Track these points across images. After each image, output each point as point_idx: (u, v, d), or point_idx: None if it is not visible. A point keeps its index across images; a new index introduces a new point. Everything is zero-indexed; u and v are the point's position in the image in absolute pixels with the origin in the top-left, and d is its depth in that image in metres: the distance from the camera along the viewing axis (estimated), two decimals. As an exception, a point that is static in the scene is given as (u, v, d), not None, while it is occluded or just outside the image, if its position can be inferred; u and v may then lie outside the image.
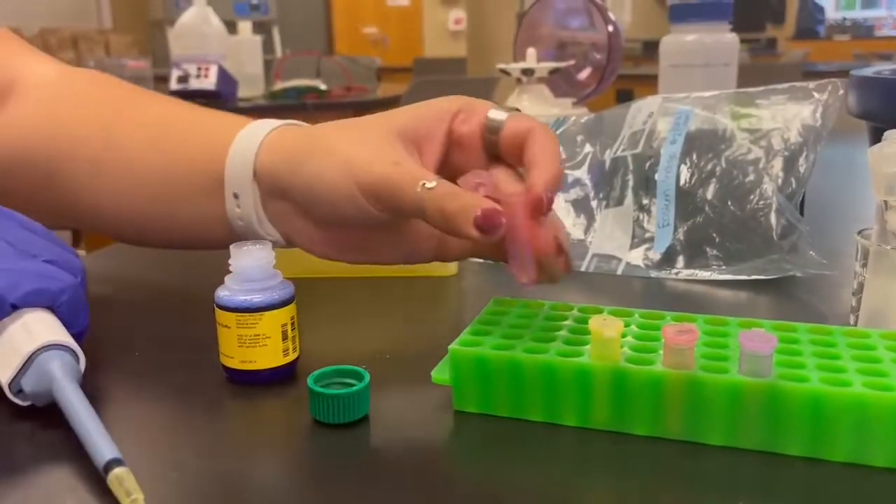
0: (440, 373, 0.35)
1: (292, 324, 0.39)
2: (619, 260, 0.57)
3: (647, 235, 0.58)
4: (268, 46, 2.84)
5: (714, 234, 0.56)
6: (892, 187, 0.35)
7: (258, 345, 0.37)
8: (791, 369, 0.31)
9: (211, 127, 0.46)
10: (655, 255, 0.56)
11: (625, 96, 2.53)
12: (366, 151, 0.38)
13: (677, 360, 0.32)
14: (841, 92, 0.58)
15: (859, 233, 0.38)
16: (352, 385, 0.35)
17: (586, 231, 0.60)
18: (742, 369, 0.31)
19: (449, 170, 0.41)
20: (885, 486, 0.29)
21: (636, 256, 0.57)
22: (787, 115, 0.60)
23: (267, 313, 0.37)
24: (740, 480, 0.30)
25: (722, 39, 0.80)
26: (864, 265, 0.38)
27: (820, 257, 0.52)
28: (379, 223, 0.40)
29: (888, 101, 0.51)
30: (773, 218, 0.55)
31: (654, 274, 0.55)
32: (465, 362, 0.34)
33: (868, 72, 0.55)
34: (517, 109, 0.41)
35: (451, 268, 0.56)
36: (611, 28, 0.98)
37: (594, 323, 0.32)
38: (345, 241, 0.42)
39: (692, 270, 0.54)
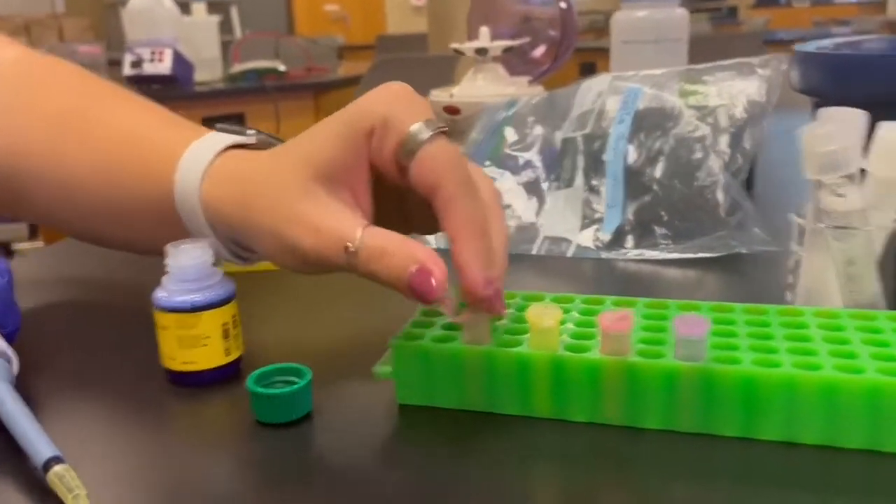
0: (382, 367, 0.35)
1: (234, 322, 0.38)
2: (570, 242, 0.57)
3: (597, 216, 0.58)
4: (226, 27, 2.78)
5: (663, 213, 0.57)
6: (824, 167, 0.36)
7: (199, 345, 0.37)
8: (725, 351, 0.32)
9: (154, 164, 0.41)
10: (605, 236, 0.56)
11: (588, 69, 2.52)
12: (289, 222, 0.35)
13: (614, 347, 0.32)
14: (784, 67, 0.59)
15: (794, 212, 0.39)
16: (294, 383, 0.35)
17: (538, 213, 0.61)
18: (677, 354, 0.31)
19: (383, 191, 0.37)
20: (815, 463, 0.30)
21: (586, 238, 0.57)
22: (733, 91, 0.60)
23: (206, 313, 0.37)
24: (677, 462, 0.30)
25: (672, 14, 0.80)
26: (801, 243, 0.39)
27: (766, 233, 0.53)
28: None
29: (829, 76, 0.51)
30: (719, 195, 0.56)
31: (604, 255, 0.55)
32: (407, 356, 0.34)
33: (810, 47, 0.55)
34: (443, 129, 0.35)
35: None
36: (563, 4, 0.98)
37: (532, 313, 0.33)
38: None
39: (641, 250, 0.55)
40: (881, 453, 0.30)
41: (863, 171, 0.37)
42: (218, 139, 0.40)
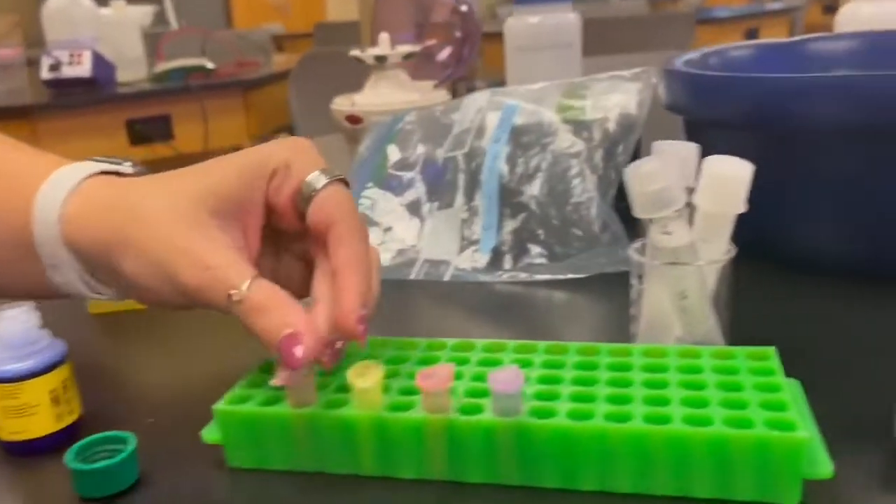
0: (211, 431, 0.34)
1: (65, 386, 0.37)
2: (448, 264, 0.57)
3: (475, 237, 0.58)
4: (161, 19, 2.71)
5: (539, 232, 0.57)
6: (649, 206, 0.36)
7: (25, 415, 0.36)
8: (545, 402, 0.32)
9: (12, 190, 0.39)
10: (482, 258, 0.56)
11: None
12: (176, 252, 0.34)
13: (433, 404, 0.32)
14: (654, 80, 0.59)
15: (633, 246, 0.39)
16: (118, 451, 0.34)
17: (419, 235, 0.60)
18: (494, 409, 0.31)
19: (274, 234, 0.38)
20: (631, 513, 0.30)
21: (464, 260, 0.57)
22: (608, 104, 0.60)
23: (29, 382, 0.35)
24: (500, 517, 0.30)
25: (564, 20, 0.80)
26: (639, 277, 0.39)
27: (634, 251, 0.53)
28: None
29: (691, 95, 0.52)
30: (593, 211, 0.56)
31: (481, 278, 0.55)
32: (233, 422, 0.34)
33: (678, 63, 0.56)
34: (341, 178, 0.37)
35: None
36: (464, 7, 0.97)
37: (352, 374, 0.32)
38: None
39: (515, 273, 0.55)
40: (694, 499, 0.30)
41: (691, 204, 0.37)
42: (86, 165, 0.39)
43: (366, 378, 0.32)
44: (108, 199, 0.37)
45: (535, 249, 0.56)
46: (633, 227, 0.59)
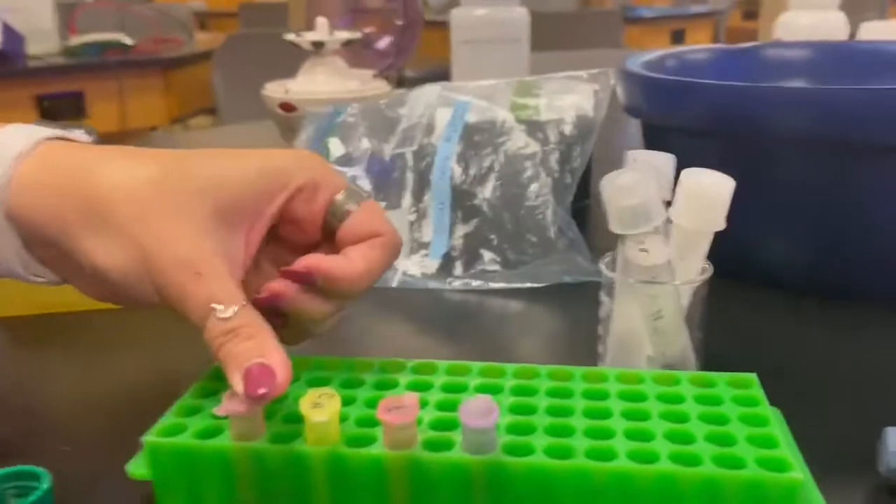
0: (139, 466, 0.30)
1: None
2: (395, 270, 0.54)
3: (425, 240, 0.55)
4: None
5: (492, 237, 0.54)
6: (626, 221, 0.33)
7: (-87, 448, 0.31)
8: (518, 436, 0.29)
9: None
10: (432, 264, 0.53)
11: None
12: (167, 243, 0.30)
13: (397, 439, 0.28)
14: (612, 82, 0.57)
15: (604, 260, 0.37)
16: (31, 489, 0.29)
17: (363, 236, 0.56)
18: (465, 445, 0.28)
19: (276, 244, 0.36)
20: (610, 558, 0.28)
21: (413, 265, 0.54)
22: (564, 104, 0.58)
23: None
24: (468, 564, 0.28)
25: (512, 14, 0.78)
26: (609, 294, 0.37)
27: (592, 262, 0.51)
28: None
29: (649, 99, 0.50)
30: (549, 216, 0.54)
31: (431, 284, 0.52)
32: (164, 455, 0.30)
33: (635, 64, 0.54)
34: (366, 193, 0.35)
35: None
36: (407, -5, 0.93)
37: (305, 405, 0.28)
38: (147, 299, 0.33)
39: (468, 280, 0.52)
40: (676, 542, 0.28)
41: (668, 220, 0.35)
42: (36, 128, 0.34)
43: (322, 410, 0.28)
44: (74, 168, 0.32)
45: (487, 255, 0.53)
46: (590, 234, 0.57)
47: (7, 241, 0.33)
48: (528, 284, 0.51)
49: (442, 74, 0.96)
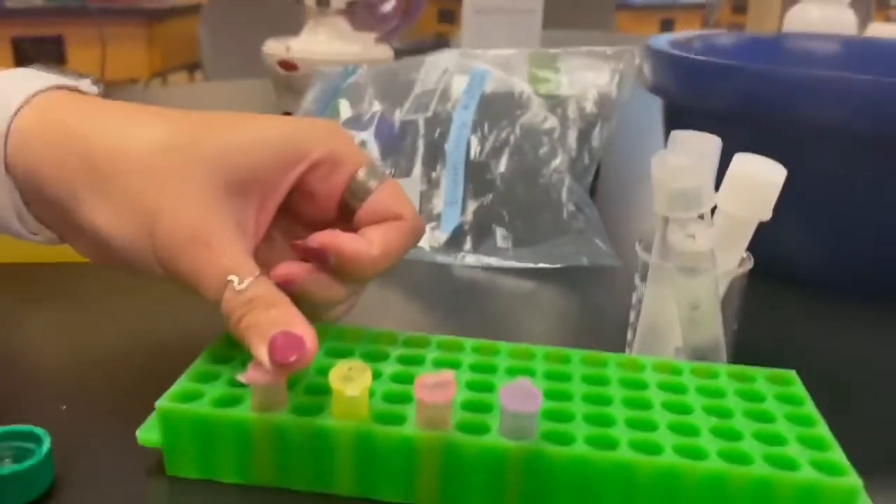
0: (149, 432, 0.28)
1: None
2: (404, 240, 0.51)
3: (435, 213, 0.52)
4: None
5: (504, 213, 0.52)
6: (676, 204, 0.32)
7: None
8: (556, 423, 0.28)
9: None
10: (442, 237, 0.51)
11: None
12: (175, 211, 0.28)
13: (431, 418, 0.27)
14: (637, 61, 0.55)
15: (639, 242, 0.35)
16: (28, 451, 0.27)
17: (371, 204, 0.54)
18: (503, 429, 0.27)
19: (290, 218, 0.34)
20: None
21: (422, 238, 0.51)
22: (585, 82, 0.56)
23: None
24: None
25: (528, -16, 0.75)
26: (643, 279, 0.35)
27: (610, 245, 0.50)
28: None
29: (679, 79, 0.48)
30: (564, 195, 0.52)
31: (440, 259, 0.50)
32: (178, 423, 0.27)
33: (662, 43, 0.52)
34: (387, 172, 0.34)
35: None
36: (416, -43, 0.90)
37: (335, 377, 0.27)
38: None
39: (479, 256, 0.50)
40: (716, 541, 0.27)
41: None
42: (37, 73, 0.32)
43: (354, 384, 0.26)
44: (80, 120, 0.30)
45: (499, 232, 0.52)
46: (608, 215, 0.56)
47: (4, 194, 0.30)
48: (542, 265, 0.49)
49: (433, 47, 0.93)
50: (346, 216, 0.33)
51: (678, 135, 0.35)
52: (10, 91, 0.30)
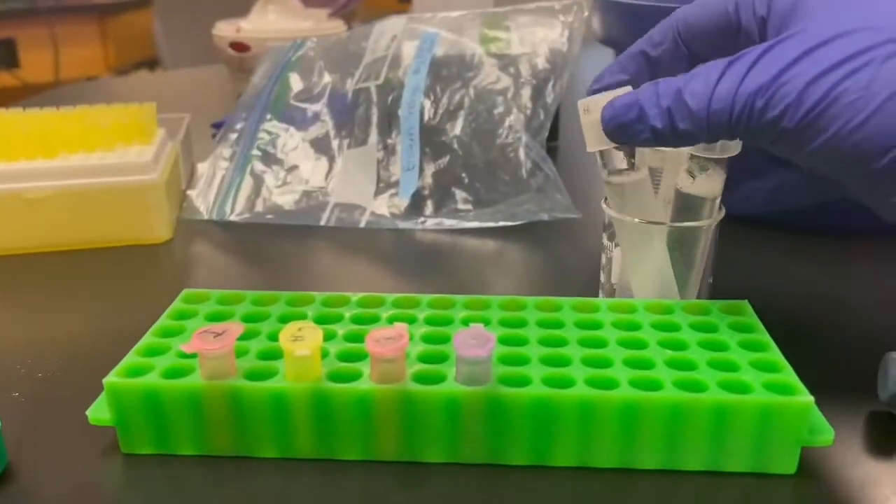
0: (99, 411, 0.28)
1: None
2: (363, 210, 0.51)
3: (394, 179, 0.52)
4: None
5: (463, 175, 0.52)
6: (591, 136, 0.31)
7: None
8: (512, 367, 0.27)
9: None
10: (402, 203, 0.51)
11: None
12: None
13: (386, 372, 0.26)
14: (586, 14, 0.55)
15: (605, 199, 0.34)
16: (-22, 439, 0.26)
17: (327, 176, 0.54)
18: (458, 377, 0.27)
19: None
20: (611, 488, 0.26)
21: (381, 205, 0.51)
22: (535, 38, 0.56)
23: None
24: (464, 498, 0.26)
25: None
26: (611, 238, 0.34)
27: (569, 199, 0.50)
28: None
29: (628, 28, 0.48)
30: (521, 153, 0.52)
31: (401, 224, 0.50)
32: (128, 398, 0.27)
33: (611, -8, 0.52)
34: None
35: (161, 232, 0.47)
36: (363, -71, 0.89)
37: (285, 338, 0.26)
38: None
39: (440, 219, 0.50)
40: (683, 472, 0.27)
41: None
42: None
43: (304, 343, 0.26)
44: None
45: (459, 194, 0.51)
46: (570, 171, 0.55)
47: None
48: (504, 223, 0.49)
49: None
50: None
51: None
52: None
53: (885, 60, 0.25)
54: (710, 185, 0.32)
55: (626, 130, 0.29)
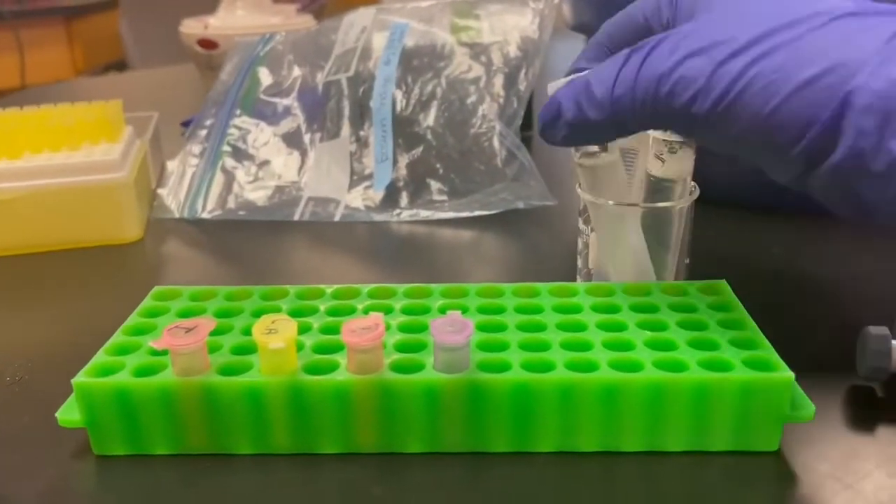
0: (69, 412, 0.27)
1: None
2: (338, 203, 0.50)
3: (367, 172, 0.51)
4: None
5: (438, 166, 0.51)
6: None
7: None
8: (491, 353, 0.27)
9: None
10: (376, 195, 0.50)
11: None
12: None
13: (362, 363, 0.26)
14: (556, 0, 0.55)
15: (580, 184, 0.34)
16: (-58, 447, 0.26)
17: (300, 170, 0.53)
18: (436, 364, 0.26)
19: None
20: (593, 471, 0.26)
21: (356, 198, 0.51)
22: (506, 26, 0.55)
23: None
24: (446, 488, 0.26)
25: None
26: (587, 222, 0.34)
27: (545, 186, 0.49)
28: None
29: (601, 13, 0.47)
30: (496, 142, 0.51)
31: (376, 217, 0.49)
32: (99, 398, 0.26)
33: (581, -22, 0.51)
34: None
35: (131, 231, 0.47)
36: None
37: (258, 331, 0.26)
38: None
39: (415, 210, 0.49)
40: (665, 454, 0.26)
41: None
42: None
43: (278, 336, 0.25)
44: None
45: (434, 185, 0.51)
46: (545, 158, 0.55)
47: None
48: (479, 212, 0.49)
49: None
50: None
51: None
52: None
53: (793, 41, 0.24)
54: (679, 166, 0.31)
55: (549, 130, 0.29)
